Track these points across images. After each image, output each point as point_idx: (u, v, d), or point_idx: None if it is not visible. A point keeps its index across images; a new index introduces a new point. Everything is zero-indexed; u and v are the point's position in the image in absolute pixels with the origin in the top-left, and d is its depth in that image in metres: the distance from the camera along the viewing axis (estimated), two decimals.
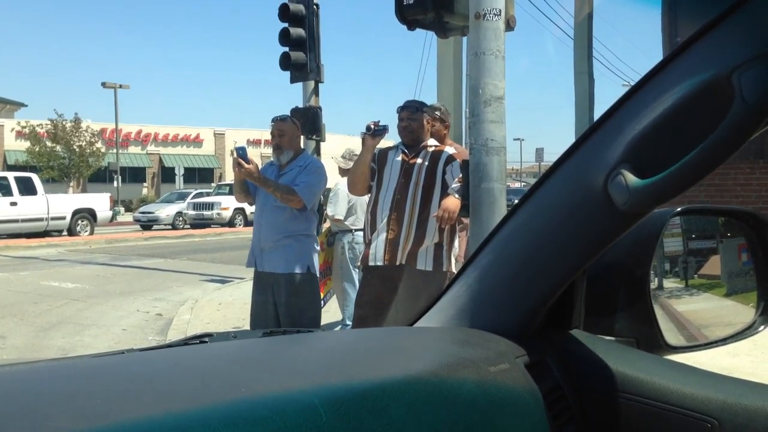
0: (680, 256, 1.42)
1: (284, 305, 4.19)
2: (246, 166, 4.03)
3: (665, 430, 0.97)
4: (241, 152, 4.08)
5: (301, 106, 8.38)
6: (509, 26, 4.73)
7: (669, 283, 1.39)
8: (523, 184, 51.31)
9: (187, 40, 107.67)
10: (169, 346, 1.11)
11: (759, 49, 0.74)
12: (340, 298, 6.03)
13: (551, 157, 61.29)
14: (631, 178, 0.85)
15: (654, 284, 1.32)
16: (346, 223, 5.76)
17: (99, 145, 36.65)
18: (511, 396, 0.92)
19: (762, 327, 1.22)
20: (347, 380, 0.80)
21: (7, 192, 18.25)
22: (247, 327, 4.74)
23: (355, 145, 5.28)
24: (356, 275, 5.53)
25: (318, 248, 4.50)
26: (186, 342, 1.10)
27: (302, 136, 5.81)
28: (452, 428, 0.81)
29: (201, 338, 1.11)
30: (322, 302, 5.65)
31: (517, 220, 1.07)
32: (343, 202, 5.67)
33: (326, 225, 6.04)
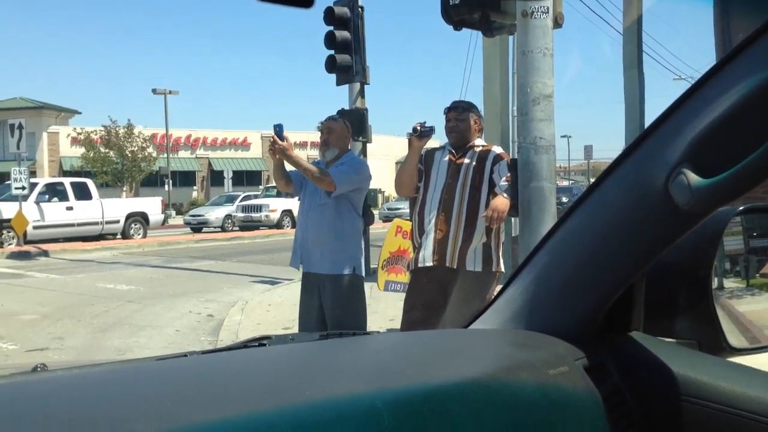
0: (741, 255, 1.39)
1: (330, 307, 4.20)
2: (280, 142, 3.98)
3: None
4: (278, 129, 4.02)
5: (347, 107, 8.43)
6: (557, 23, 4.67)
7: (730, 283, 1.36)
8: (571, 182, 50.59)
9: (233, 46, 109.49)
10: (229, 348, 1.13)
11: None
12: None
13: (600, 154, 60.35)
14: (693, 177, 0.83)
15: (714, 284, 1.30)
16: None
17: (150, 150, 37.51)
18: (572, 399, 0.91)
19: None
20: (408, 383, 0.80)
21: (64, 197, 18.81)
22: (296, 328, 4.79)
23: (403, 145, 5.28)
24: None
25: (363, 249, 4.50)
26: (245, 345, 1.12)
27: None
28: (513, 431, 0.81)
29: (260, 341, 1.12)
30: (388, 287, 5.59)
31: (575, 220, 1.06)
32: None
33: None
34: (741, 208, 1.20)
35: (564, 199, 18.11)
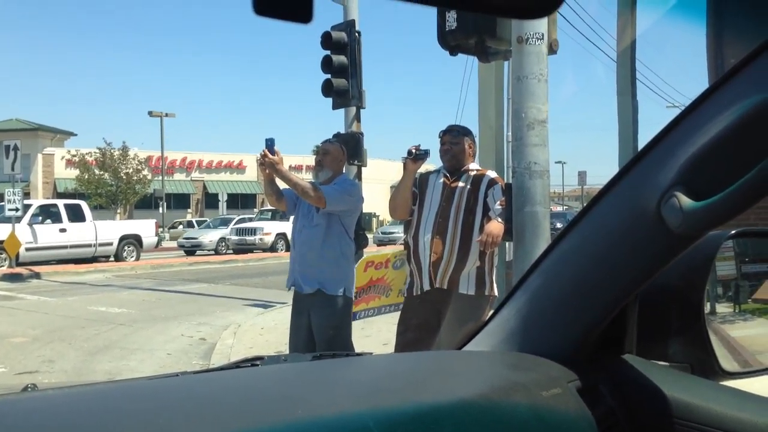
0: (733, 280, 1.39)
1: (319, 328, 4.20)
2: (270, 156, 3.99)
3: None
4: (269, 143, 4.01)
5: (343, 131, 8.47)
6: (552, 50, 4.73)
7: (722, 308, 1.36)
8: (565, 207, 50.74)
9: (228, 68, 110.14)
10: (222, 368, 1.13)
11: None
12: None
13: (594, 180, 60.53)
14: (685, 200, 0.84)
15: (707, 309, 1.30)
16: None
17: (145, 172, 37.55)
18: (564, 421, 0.91)
19: None
20: (400, 403, 0.80)
21: (57, 219, 18.75)
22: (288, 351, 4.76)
23: (398, 169, 5.31)
24: None
25: (355, 272, 4.50)
26: (238, 365, 1.11)
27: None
28: None
29: (252, 361, 1.12)
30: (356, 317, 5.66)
31: (568, 243, 1.06)
32: None
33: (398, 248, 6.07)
34: (733, 232, 1.20)
35: (558, 225, 18.15)
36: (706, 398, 0.99)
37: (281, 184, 4.28)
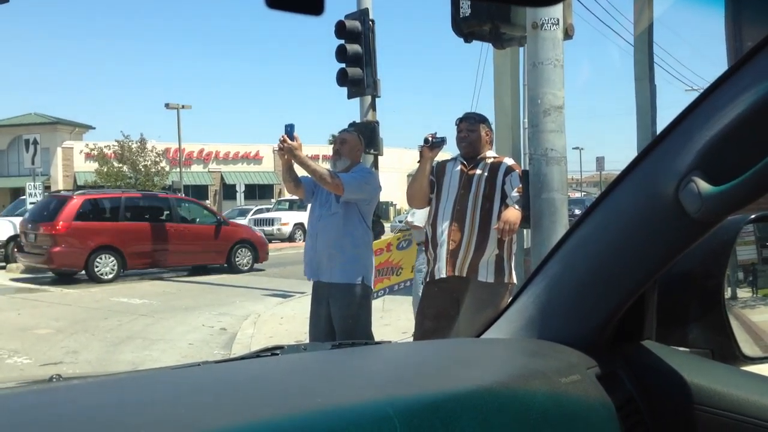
0: (754, 265, 1.38)
1: (338, 317, 4.21)
2: (289, 141, 3.97)
3: None
4: (289, 129, 4.00)
5: (358, 120, 8.47)
6: (567, 35, 4.68)
7: (743, 293, 1.35)
8: (583, 193, 50.37)
9: (244, 59, 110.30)
10: (242, 358, 1.14)
11: None
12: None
13: (612, 165, 60.00)
14: (703, 185, 0.83)
15: (728, 294, 1.29)
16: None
17: (163, 164, 37.76)
18: (584, 408, 0.91)
19: None
20: (420, 391, 0.80)
21: None
22: (308, 340, 4.79)
23: (415, 158, 5.32)
24: None
25: (373, 259, 4.51)
26: (258, 354, 1.12)
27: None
28: None
29: (272, 351, 1.13)
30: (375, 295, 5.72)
31: (585, 229, 1.06)
32: (422, 210, 5.74)
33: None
34: (753, 216, 1.19)
35: (576, 211, 18.09)
36: (727, 384, 0.98)
37: (299, 171, 4.28)
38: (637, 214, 0.96)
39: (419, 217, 5.76)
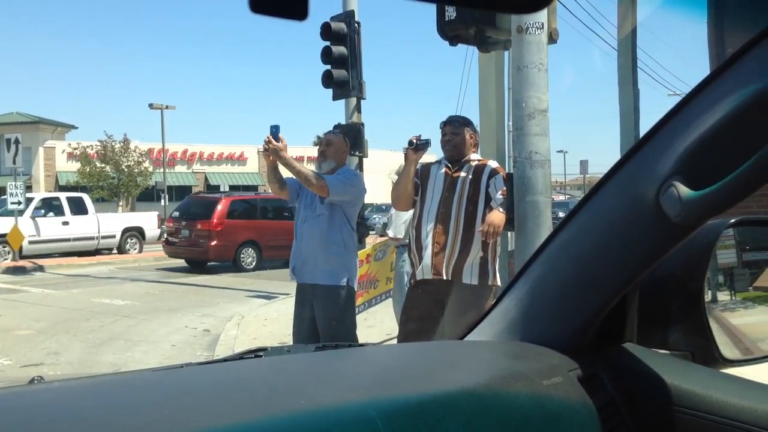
0: (734, 269, 1.40)
1: (322, 318, 4.20)
2: (274, 143, 3.97)
3: None
4: (274, 130, 4.00)
5: (343, 122, 8.46)
6: (552, 39, 4.71)
7: (723, 296, 1.36)
8: (567, 196, 50.66)
9: (229, 59, 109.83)
10: (225, 360, 1.14)
11: None
12: (398, 313, 6.09)
13: (595, 168, 60.36)
14: (683, 189, 0.84)
15: (708, 297, 1.30)
16: (406, 239, 5.85)
17: (147, 164, 37.49)
18: (565, 410, 0.91)
19: None
20: (403, 393, 0.81)
21: (60, 212, 18.73)
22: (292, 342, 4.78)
23: (400, 160, 5.33)
24: None
25: (358, 262, 4.51)
26: (242, 356, 1.12)
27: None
28: None
29: (256, 352, 1.13)
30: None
31: (568, 232, 1.06)
32: (400, 220, 5.71)
33: (379, 239, 6.13)
34: (733, 220, 1.21)
35: (560, 214, 18.21)
36: (707, 386, 0.99)
37: (284, 173, 4.26)
38: (619, 217, 0.97)
39: (398, 227, 5.77)
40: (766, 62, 0.79)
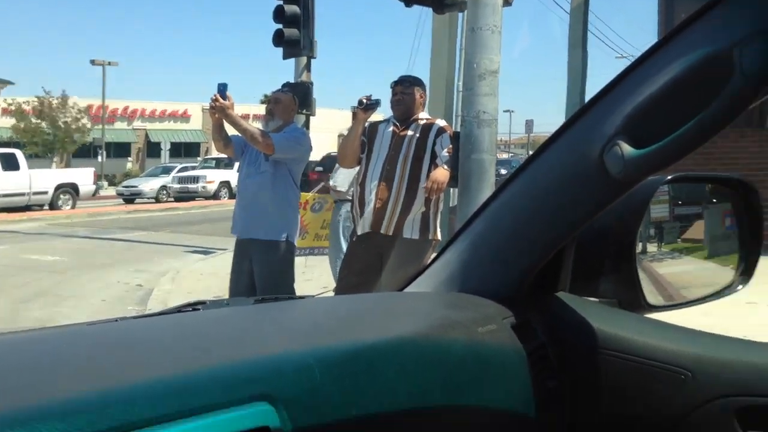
0: (666, 222, 1.44)
1: (261, 272, 4.24)
2: (221, 101, 3.98)
3: (643, 382, 1.00)
4: (221, 88, 4.01)
5: (292, 81, 8.33)
6: (507, 2, 4.74)
7: (653, 247, 1.40)
8: (511, 154, 51.65)
9: (176, 16, 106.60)
10: (163, 313, 1.11)
11: (759, 26, 0.76)
12: (334, 267, 6.10)
13: (541, 128, 61.56)
14: (626, 148, 0.87)
15: (639, 248, 1.34)
16: (348, 195, 5.86)
17: (85, 121, 36.29)
18: (497, 355, 0.95)
19: (740, 286, 1.26)
20: (340, 341, 0.82)
21: None
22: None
23: (347, 119, 5.32)
24: None
25: (299, 218, 4.53)
26: (179, 309, 1.10)
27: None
28: (442, 387, 0.85)
29: (194, 306, 1.11)
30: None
31: (512, 190, 1.08)
32: (345, 173, 5.73)
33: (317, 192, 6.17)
34: (669, 177, 1.24)
35: (503, 171, 18.56)
36: (630, 330, 1.04)
37: (230, 131, 4.24)
38: (563, 174, 0.99)
39: (341, 180, 5.78)
40: (716, 29, 0.81)
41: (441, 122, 4.14)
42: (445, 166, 3.90)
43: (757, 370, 0.99)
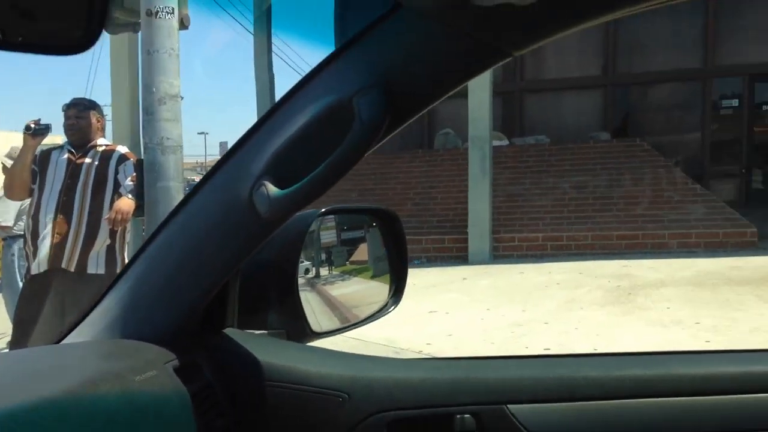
0: (334, 247, 1.57)
1: None
2: None
3: (305, 409, 1.07)
4: None
5: None
6: (183, 25, 4.68)
7: (325, 271, 1.52)
8: None
9: None
10: None
11: (372, 79, 0.86)
12: (11, 311, 5.46)
13: None
14: (271, 188, 0.92)
15: (312, 273, 1.45)
16: (15, 229, 5.27)
17: None
18: (156, 401, 0.93)
19: (392, 307, 1.40)
20: None
21: None
22: None
23: (14, 141, 4.83)
24: None
25: None
26: None
27: None
28: None
29: None
30: None
31: (169, 230, 1.08)
32: (11, 205, 5.16)
33: None
34: (323, 210, 1.36)
35: None
36: (294, 359, 1.10)
37: None
38: (217, 214, 1.02)
39: (7, 214, 5.28)
40: (341, 77, 0.89)
41: (122, 149, 3.99)
42: (130, 196, 3.78)
43: (403, 385, 1.11)
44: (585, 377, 1.13)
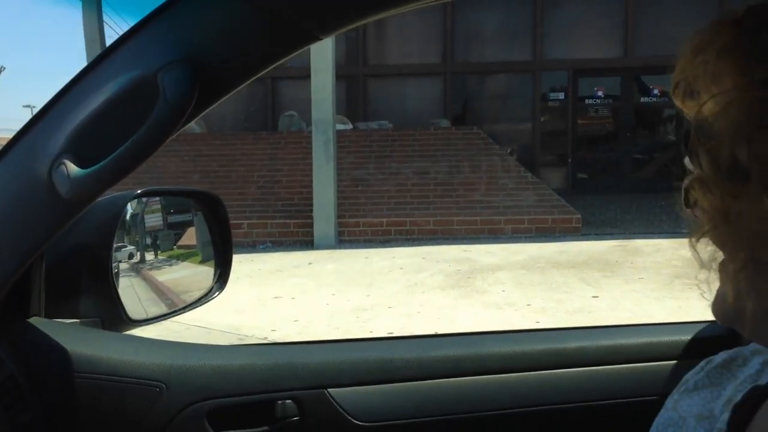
0: (161, 231, 1.50)
1: None
2: None
3: (121, 400, 1.03)
4: None
5: None
6: None
7: (151, 256, 1.46)
8: None
9: None
10: None
11: (177, 54, 0.81)
12: None
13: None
14: (72, 167, 0.86)
15: (137, 258, 1.38)
16: None
17: None
18: None
19: (217, 293, 1.36)
20: None
21: None
22: None
23: None
24: None
25: None
26: None
27: None
28: None
29: None
30: None
31: None
32: None
33: None
34: (138, 191, 1.28)
35: None
36: (107, 349, 1.05)
37: None
38: (14, 195, 0.94)
39: None
40: (144, 51, 0.84)
41: None
42: None
43: (223, 373, 1.09)
44: (403, 358, 1.17)
